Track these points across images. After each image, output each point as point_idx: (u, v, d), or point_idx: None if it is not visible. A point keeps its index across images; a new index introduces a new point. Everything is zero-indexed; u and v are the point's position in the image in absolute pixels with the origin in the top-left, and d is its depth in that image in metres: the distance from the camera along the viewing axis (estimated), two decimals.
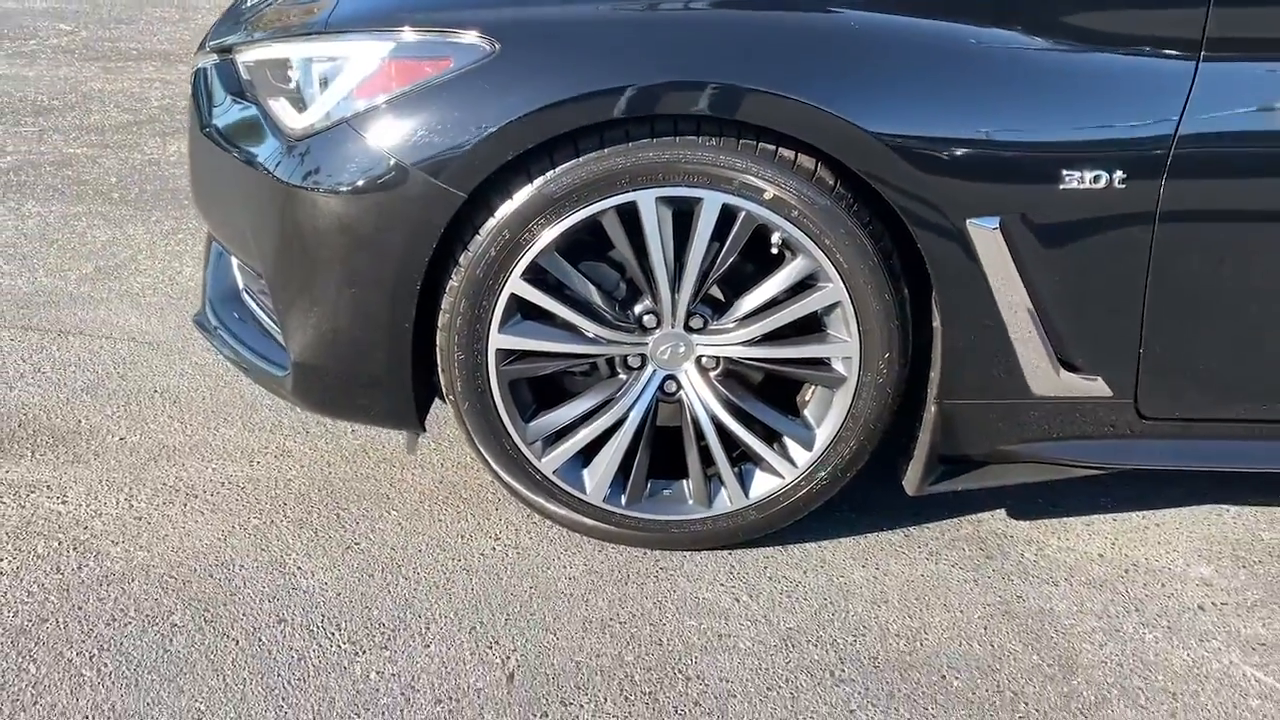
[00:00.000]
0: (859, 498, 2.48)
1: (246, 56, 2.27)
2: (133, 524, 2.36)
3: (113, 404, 2.80)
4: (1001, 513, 2.49)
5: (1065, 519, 2.48)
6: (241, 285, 2.54)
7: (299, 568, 2.25)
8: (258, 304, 2.42)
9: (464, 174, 1.97)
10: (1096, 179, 1.96)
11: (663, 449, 2.27)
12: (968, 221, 1.98)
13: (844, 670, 2.03)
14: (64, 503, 2.42)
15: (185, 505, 2.43)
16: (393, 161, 2.00)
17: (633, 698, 1.95)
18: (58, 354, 3.02)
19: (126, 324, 3.20)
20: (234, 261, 2.53)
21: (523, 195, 2.02)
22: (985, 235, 1.99)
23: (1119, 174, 1.95)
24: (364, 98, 2.02)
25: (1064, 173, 1.96)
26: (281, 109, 2.16)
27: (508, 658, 2.04)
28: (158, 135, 4.87)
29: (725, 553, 2.32)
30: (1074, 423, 2.20)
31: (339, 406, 2.24)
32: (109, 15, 7.15)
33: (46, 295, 3.35)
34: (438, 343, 2.14)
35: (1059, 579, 2.29)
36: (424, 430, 2.31)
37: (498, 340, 2.11)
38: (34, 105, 5.24)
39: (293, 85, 2.14)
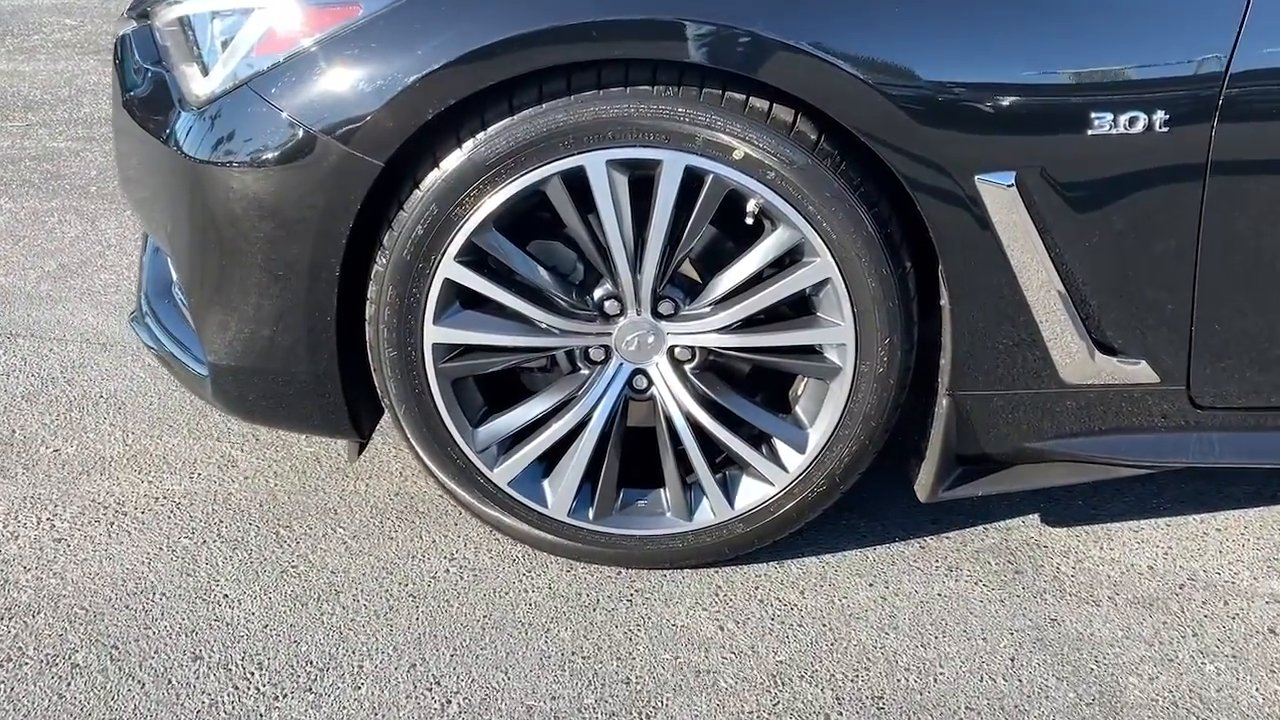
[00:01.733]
0: (869, 502, 2.17)
1: (160, 19, 2.02)
2: (50, 547, 2.11)
3: (52, 412, 2.56)
4: (1035, 518, 2.16)
5: (1109, 525, 2.15)
6: (174, 279, 2.29)
7: (225, 596, 1.99)
8: (180, 297, 2.16)
9: (378, 139, 1.69)
10: (1133, 122, 1.63)
11: (637, 452, 1.98)
12: (977, 178, 1.67)
13: (841, 713, 1.72)
14: None
15: (111, 525, 2.18)
16: (298, 128, 1.72)
17: None
18: (2, 358, 2.79)
19: (82, 324, 2.96)
20: None
21: (451, 163, 1.73)
22: (998, 194, 1.67)
23: (1160, 115, 1.63)
24: (265, 55, 1.75)
25: (1093, 116, 1.63)
26: (190, 75, 1.90)
27: (449, 701, 1.76)
28: None
29: (711, 570, 2.02)
30: (1115, 414, 1.87)
31: (263, 413, 1.97)
32: (116, 9, 6.98)
33: (2, 295, 3.13)
34: (367, 338, 1.87)
35: (1101, 597, 1.96)
36: (364, 439, 2.04)
37: (433, 334, 1.83)
38: (25, 100, 5.07)
39: (199, 47, 1.88)
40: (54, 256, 3.39)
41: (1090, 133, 1.64)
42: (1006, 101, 1.65)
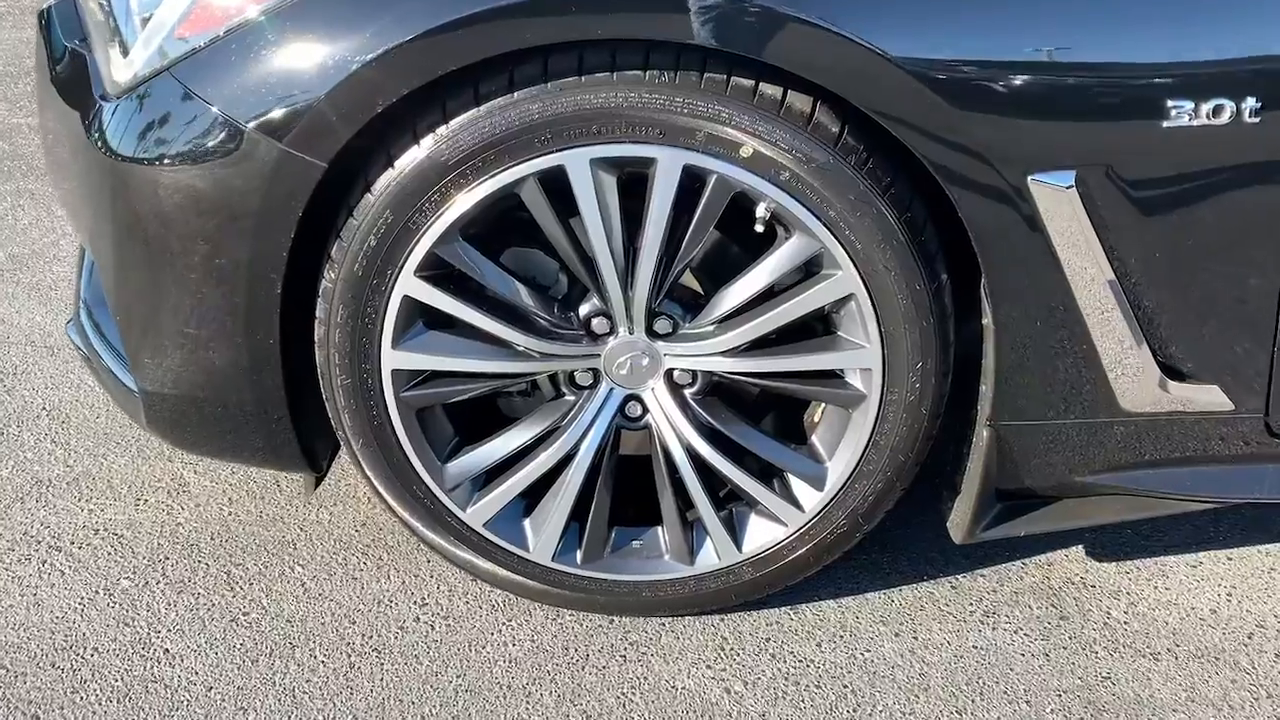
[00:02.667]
0: (891, 533, 1.93)
1: None
2: None
3: None
4: (1079, 551, 1.93)
5: (1163, 559, 1.91)
6: None
7: (166, 650, 1.75)
8: None
9: (318, 135, 1.44)
10: (1217, 111, 1.38)
11: (632, 486, 1.74)
12: (1029, 178, 1.42)
13: None
14: None
15: (44, 563, 1.94)
16: (226, 121, 1.47)
17: None
18: None
19: (28, 324, 2.72)
20: None
21: (408, 162, 1.48)
22: (1055, 196, 1.43)
23: (1250, 103, 1.38)
24: (190, 34, 1.50)
25: (1169, 104, 1.38)
26: (110, 55, 1.65)
27: None
28: None
29: (716, 618, 1.79)
30: (1177, 443, 1.64)
31: (204, 444, 1.74)
32: None
33: None
34: (316, 362, 1.62)
35: (1159, 649, 1.73)
36: (320, 472, 1.80)
37: (392, 358, 1.58)
38: None
39: (118, 22, 1.63)
40: (3, 246, 3.14)
41: (1166, 124, 1.39)
42: (1065, 86, 1.40)
